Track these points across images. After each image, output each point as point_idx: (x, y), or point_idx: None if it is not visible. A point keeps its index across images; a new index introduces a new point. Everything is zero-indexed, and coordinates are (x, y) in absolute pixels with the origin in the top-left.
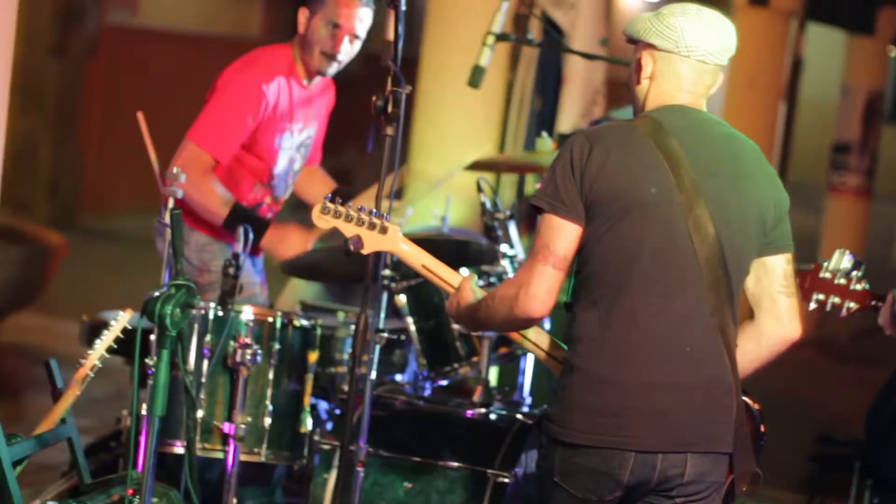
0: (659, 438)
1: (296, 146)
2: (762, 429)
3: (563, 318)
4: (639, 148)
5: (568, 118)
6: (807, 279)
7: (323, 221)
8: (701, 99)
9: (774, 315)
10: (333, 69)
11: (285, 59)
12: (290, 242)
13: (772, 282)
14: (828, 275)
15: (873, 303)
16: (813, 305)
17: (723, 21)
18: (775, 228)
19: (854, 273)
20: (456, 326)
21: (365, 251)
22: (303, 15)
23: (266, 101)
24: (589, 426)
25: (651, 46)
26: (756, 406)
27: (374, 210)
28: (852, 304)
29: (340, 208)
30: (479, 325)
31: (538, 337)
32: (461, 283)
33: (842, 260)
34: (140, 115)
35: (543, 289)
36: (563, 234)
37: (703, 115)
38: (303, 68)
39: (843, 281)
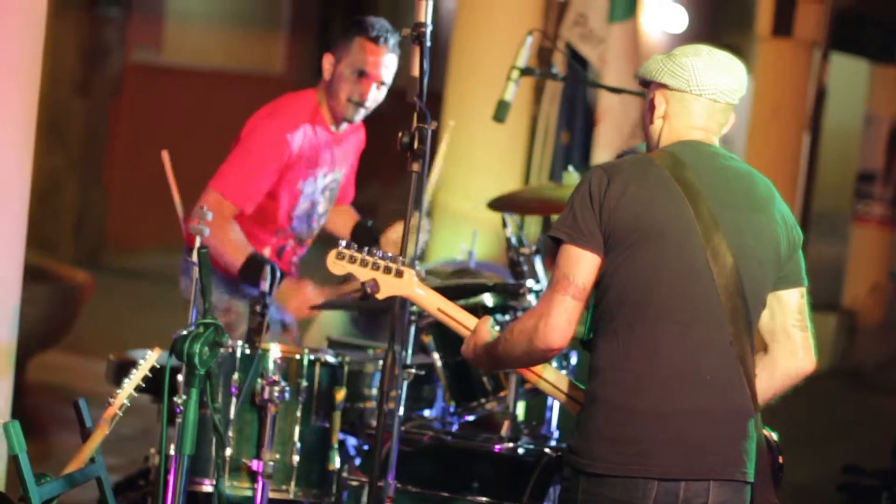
0: (682, 466)
1: (319, 190)
2: (780, 460)
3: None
4: (656, 179)
5: (604, 154)
6: None
7: (338, 268)
8: (713, 136)
9: (789, 349)
10: (360, 115)
11: (310, 104)
12: (301, 300)
13: (787, 316)
14: None
15: None
16: None
17: (734, 62)
18: (789, 262)
19: None
20: None
21: (381, 296)
22: (328, 61)
23: (290, 151)
24: (612, 455)
25: (664, 86)
26: (773, 437)
27: (390, 254)
28: None
29: (356, 254)
30: (498, 363)
31: (557, 378)
32: (477, 325)
33: None
34: (164, 155)
35: (563, 319)
36: (583, 264)
37: (717, 150)
38: (329, 114)
39: None
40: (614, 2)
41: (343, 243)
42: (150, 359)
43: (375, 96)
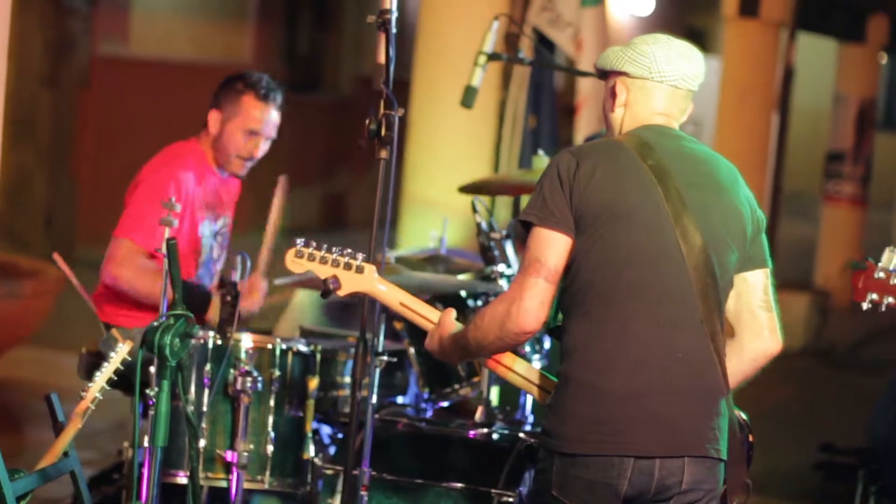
0: (657, 444)
1: (213, 234)
2: (750, 438)
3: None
4: (625, 161)
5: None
6: (860, 278)
7: (298, 266)
8: (674, 122)
9: (755, 330)
10: (246, 169)
11: (195, 153)
12: (255, 297)
13: (752, 297)
14: (882, 274)
15: None
16: (867, 305)
17: (693, 49)
18: (754, 244)
19: None
20: None
21: (342, 292)
22: (214, 118)
23: (185, 191)
24: (586, 435)
25: (624, 74)
26: (742, 416)
27: (349, 249)
28: None
29: (315, 251)
30: (468, 352)
31: (528, 370)
32: (441, 318)
33: (893, 259)
34: (56, 256)
35: (536, 302)
36: (554, 246)
37: (680, 133)
38: (214, 162)
39: None
40: None
41: (301, 241)
42: (121, 352)
43: (264, 149)
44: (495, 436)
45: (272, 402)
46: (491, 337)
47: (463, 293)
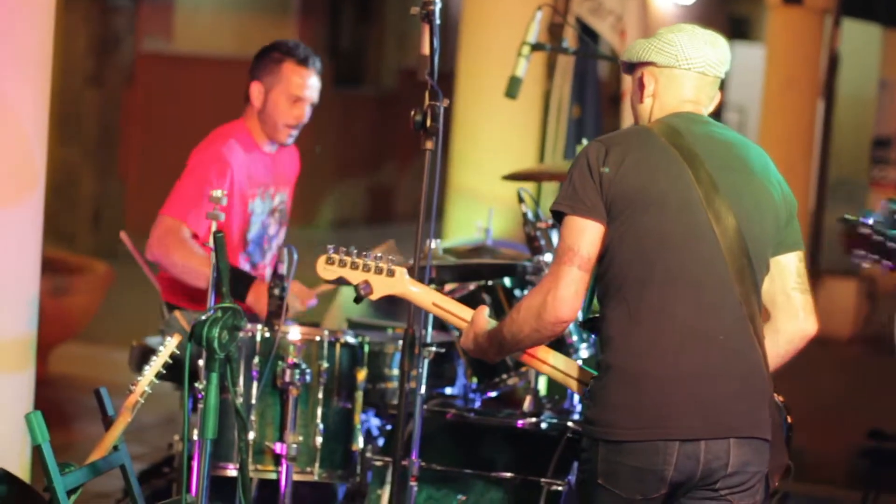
0: (701, 425)
1: (268, 211)
2: (789, 420)
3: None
4: (654, 147)
5: None
6: (849, 234)
7: (329, 272)
8: (703, 109)
9: (790, 312)
10: (293, 138)
11: (241, 130)
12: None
13: (786, 280)
14: (865, 231)
15: None
16: (856, 261)
17: (718, 37)
18: (787, 227)
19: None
20: None
21: (374, 296)
22: (257, 89)
23: (231, 168)
24: (630, 421)
25: (651, 64)
26: (780, 398)
27: (379, 253)
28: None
29: (345, 257)
30: (504, 347)
31: (566, 364)
32: (474, 315)
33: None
34: (123, 235)
35: (571, 291)
36: (587, 234)
37: (709, 120)
38: (263, 137)
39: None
40: None
41: (331, 248)
42: (169, 345)
43: (308, 115)
44: (543, 425)
45: (320, 395)
46: (527, 329)
47: (508, 282)
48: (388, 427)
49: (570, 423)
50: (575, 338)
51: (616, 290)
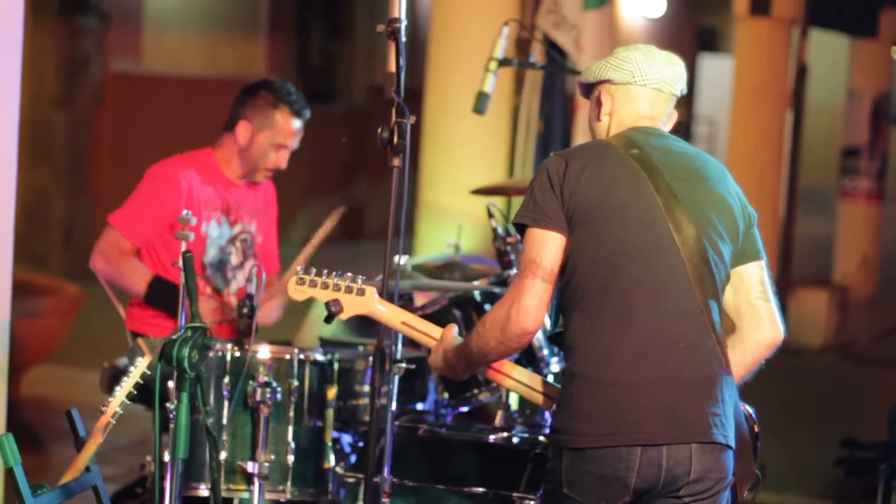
0: (663, 431)
1: (228, 238)
2: (755, 429)
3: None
4: (614, 158)
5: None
6: None
7: (299, 293)
8: (661, 125)
9: (755, 321)
10: (265, 178)
11: (204, 157)
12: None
13: (749, 289)
14: None
15: None
16: None
17: (673, 56)
18: (746, 238)
19: None
20: None
21: (344, 315)
22: (245, 128)
23: (184, 189)
24: (593, 428)
25: (607, 82)
26: (747, 408)
27: (350, 273)
28: None
29: (315, 278)
30: (472, 362)
31: (529, 378)
32: (443, 333)
33: None
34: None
35: (534, 302)
36: (549, 246)
37: (666, 134)
38: (235, 169)
39: None
40: None
41: (301, 269)
42: (140, 365)
43: (286, 163)
44: (515, 440)
45: (292, 413)
46: (493, 342)
47: (478, 296)
48: (360, 444)
49: (541, 438)
50: (546, 351)
51: (579, 300)
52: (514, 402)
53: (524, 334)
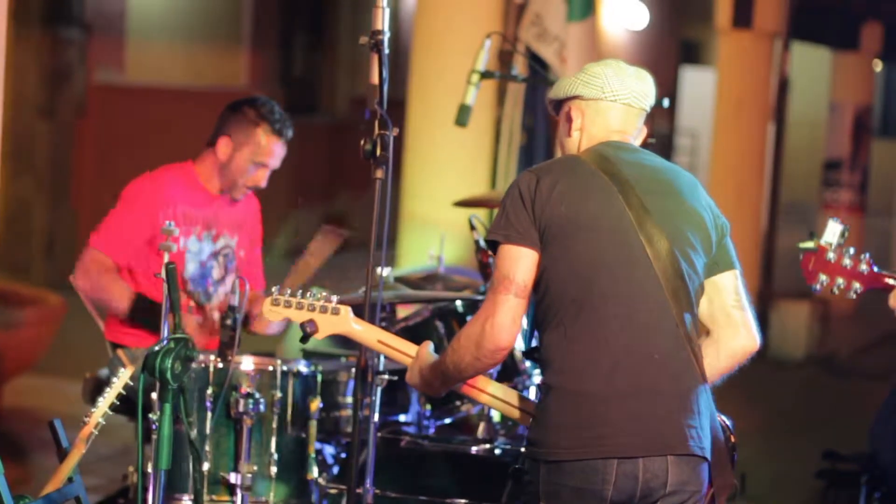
0: (639, 443)
1: (209, 253)
2: (732, 440)
3: None
4: (585, 173)
5: None
6: (811, 261)
7: (275, 314)
8: (631, 139)
9: (732, 329)
10: (244, 195)
11: (184, 171)
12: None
13: (724, 298)
14: (833, 256)
15: (888, 281)
16: (818, 287)
17: (643, 72)
18: (720, 248)
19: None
20: None
21: (320, 335)
22: (225, 144)
23: (163, 204)
24: (569, 441)
25: (578, 98)
26: (724, 420)
27: (325, 293)
28: (858, 286)
29: (290, 298)
30: (447, 378)
31: (505, 392)
32: (419, 351)
33: (836, 231)
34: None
35: (508, 318)
36: (521, 262)
37: (637, 148)
38: (215, 184)
39: (849, 262)
40: (571, 1)
41: (276, 289)
42: (123, 376)
43: (266, 182)
44: (497, 451)
45: (275, 424)
46: (468, 358)
47: (460, 307)
48: (343, 455)
49: (523, 450)
50: (528, 364)
51: (553, 315)
52: (496, 414)
53: (498, 350)
